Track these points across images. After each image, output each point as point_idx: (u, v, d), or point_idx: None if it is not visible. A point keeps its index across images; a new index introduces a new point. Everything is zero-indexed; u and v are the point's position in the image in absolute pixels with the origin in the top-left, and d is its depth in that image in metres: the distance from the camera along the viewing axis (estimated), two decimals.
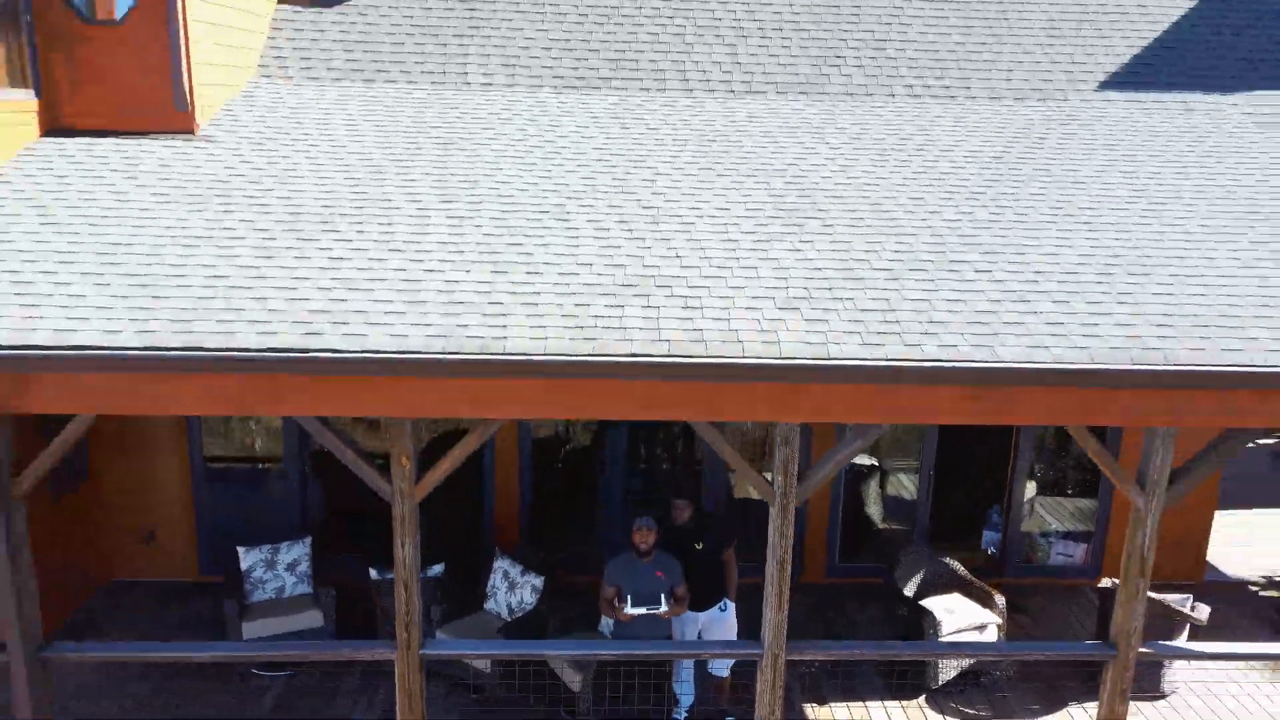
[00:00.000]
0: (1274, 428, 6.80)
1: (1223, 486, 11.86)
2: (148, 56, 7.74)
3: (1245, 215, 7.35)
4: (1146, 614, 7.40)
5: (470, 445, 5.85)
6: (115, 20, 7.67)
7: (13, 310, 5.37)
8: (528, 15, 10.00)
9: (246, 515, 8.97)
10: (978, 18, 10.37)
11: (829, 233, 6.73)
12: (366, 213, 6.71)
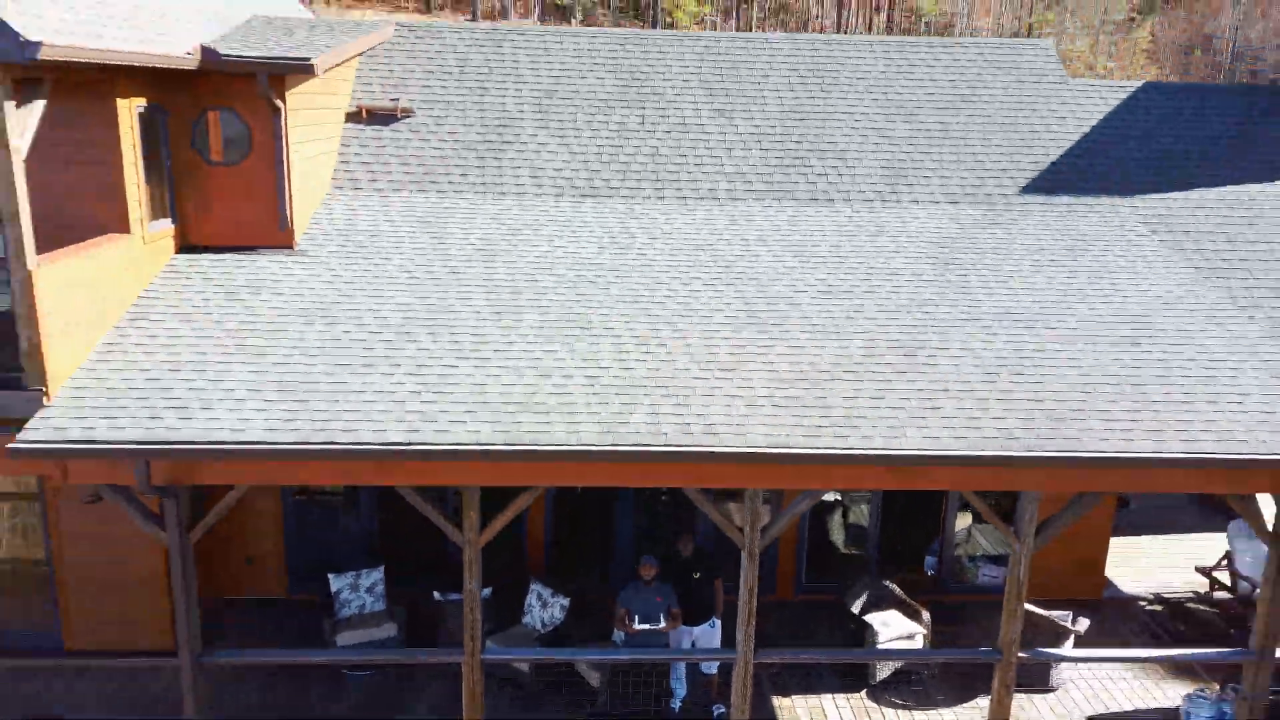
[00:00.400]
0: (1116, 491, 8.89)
1: (1129, 517, 14.06)
2: (258, 189, 9.87)
3: (1112, 317, 9.47)
4: (1040, 627, 9.60)
5: (521, 505, 7.98)
6: (233, 163, 9.80)
7: (196, 412, 7.50)
8: (550, 131, 12.13)
9: (326, 545, 11.08)
10: (922, 130, 12.51)
11: (786, 339, 8.86)
12: (437, 323, 8.84)
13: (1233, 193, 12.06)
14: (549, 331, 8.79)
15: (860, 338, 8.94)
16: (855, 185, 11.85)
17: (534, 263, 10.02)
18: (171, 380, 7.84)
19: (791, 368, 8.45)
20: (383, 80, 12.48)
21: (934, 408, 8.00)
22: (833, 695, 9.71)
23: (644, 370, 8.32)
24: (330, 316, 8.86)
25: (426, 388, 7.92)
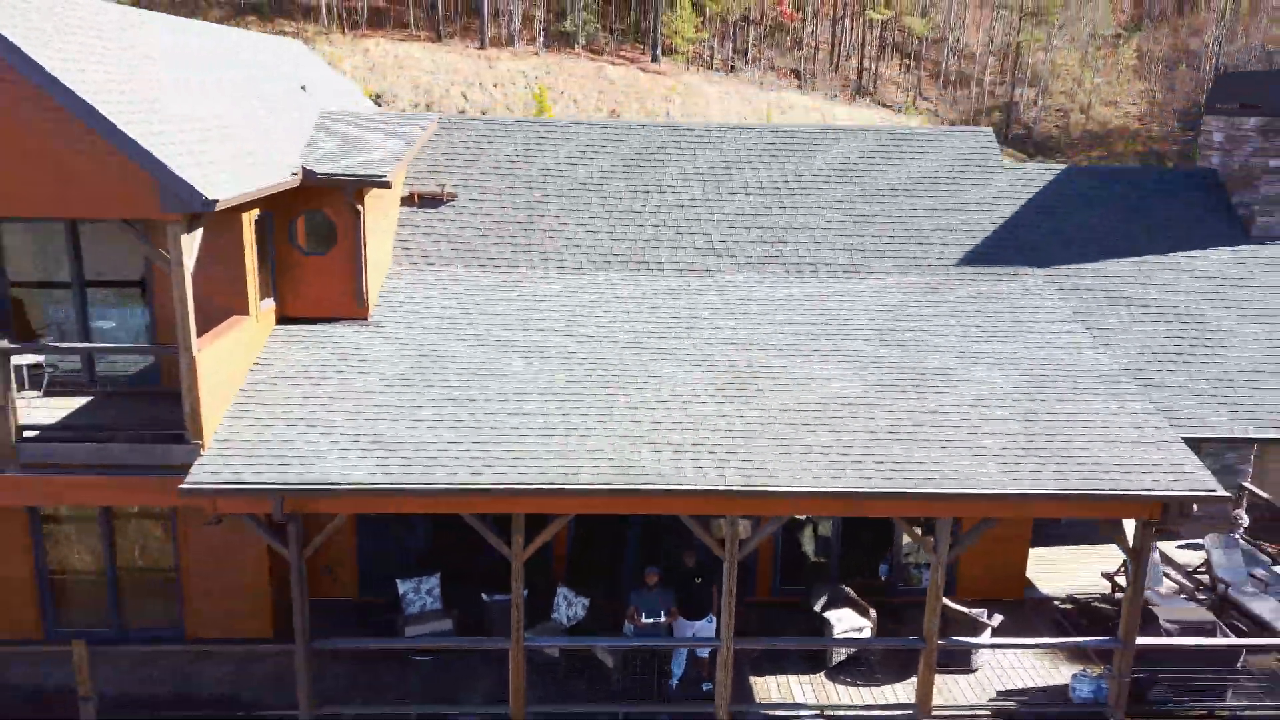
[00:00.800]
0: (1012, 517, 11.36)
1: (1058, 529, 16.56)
2: (341, 272, 12.39)
3: (1018, 375, 11.98)
4: (961, 621, 12.12)
5: (554, 529, 10.50)
6: (321, 253, 12.32)
7: (313, 460, 10.01)
8: (570, 213, 14.66)
9: (390, 556, 13.57)
10: (880, 210, 15.04)
11: (758, 395, 11.38)
12: (487, 385, 11.34)
13: (1130, 263, 14.60)
14: (575, 391, 11.31)
15: (816, 395, 11.45)
16: (822, 259, 14.38)
17: (561, 330, 12.54)
18: (290, 434, 10.37)
19: (761, 419, 10.97)
20: (430, 168, 15.00)
21: (869, 454, 10.52)
22: (797, 675, 12.21)
23: (647, 423, 10.83)
24: (405, 379, 11.38)
25: (484, 439, 10.43)
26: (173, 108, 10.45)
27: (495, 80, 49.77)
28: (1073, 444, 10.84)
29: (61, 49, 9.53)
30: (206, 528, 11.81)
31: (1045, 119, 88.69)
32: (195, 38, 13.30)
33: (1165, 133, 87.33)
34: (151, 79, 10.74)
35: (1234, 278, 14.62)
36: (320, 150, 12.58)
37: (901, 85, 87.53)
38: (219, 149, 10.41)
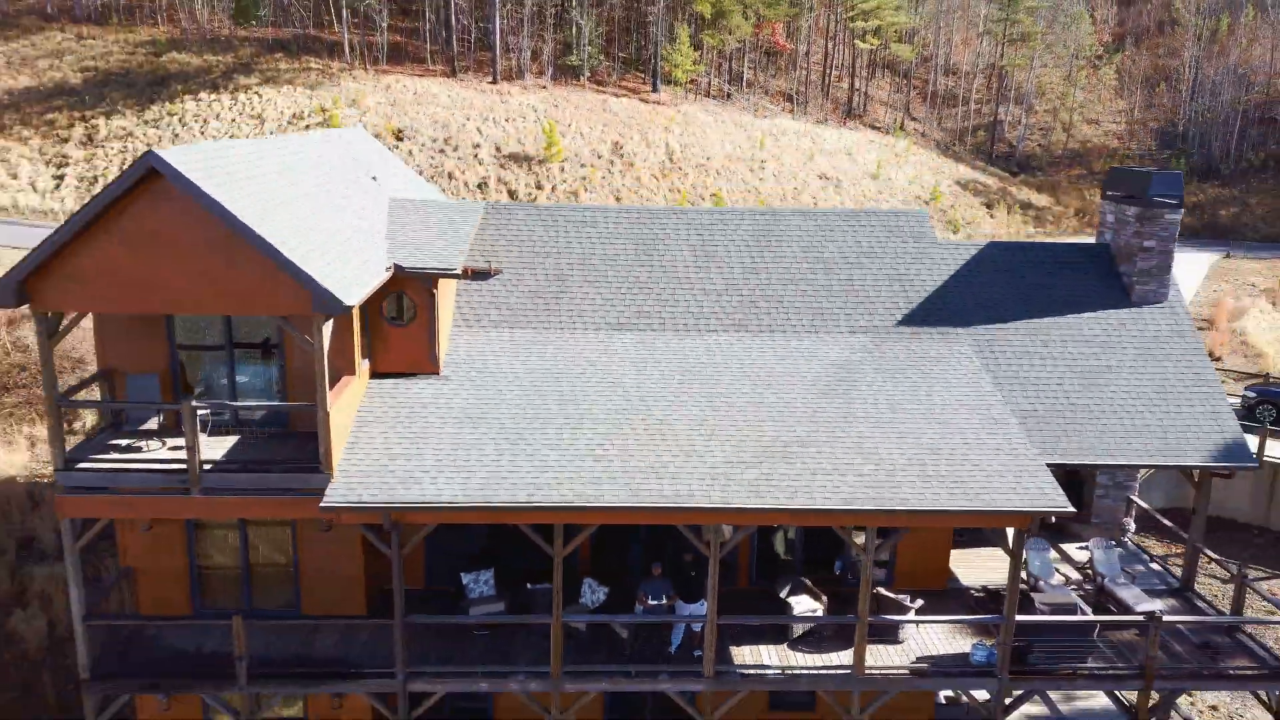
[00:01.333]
0: (919, 526, 15.17)
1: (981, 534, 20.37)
2: (418, 338, 16.24)
3: (933, 419, 15.84)
4: (889, 604, 15.97)
5: (584, 535, 14.37)
6: (404, 322, 16.18)
7: (411, 485, 13.87)
8: (591, 284, 18.52)
9: (451, 553, 17.38)
10: (836, 280, 18.90)
11: (733, 433, 15.23)
12: (533, 426, 15.19)
13: (1034, 324, 18.46)
14: (597, 430, 15.16)
15: (776, 433, 15.30)
16: (788, 321, 18.24)
17: (586, 380, 16.39)
18: (392, 465, 14.23)
19: (736, 453, 14.83)
20: (479, 247, 18.86)
21: (815, 480, 14.38)
22: (766, 645, 16.06)
23: (651, 456, 14.69)
24: (473, 422, 15.24)
25: (533, 468, 14.29)
26: (313, 230, 14.31)
27: (507, 115, 53.55)
28: (966, 471, 14.70)
29: (242, 194, 13.39)
30: (319, 533, 15.66)
31: (1029, 137, 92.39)
32: (306, 151, 17.17)
33: (1143, 151, 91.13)
34: (293, 206, 14.60)
35: (1114, 336, 18.48)
36: (400, 244, 16.43)
37: (891, 105, 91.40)
38: (344, 262, 14.27)
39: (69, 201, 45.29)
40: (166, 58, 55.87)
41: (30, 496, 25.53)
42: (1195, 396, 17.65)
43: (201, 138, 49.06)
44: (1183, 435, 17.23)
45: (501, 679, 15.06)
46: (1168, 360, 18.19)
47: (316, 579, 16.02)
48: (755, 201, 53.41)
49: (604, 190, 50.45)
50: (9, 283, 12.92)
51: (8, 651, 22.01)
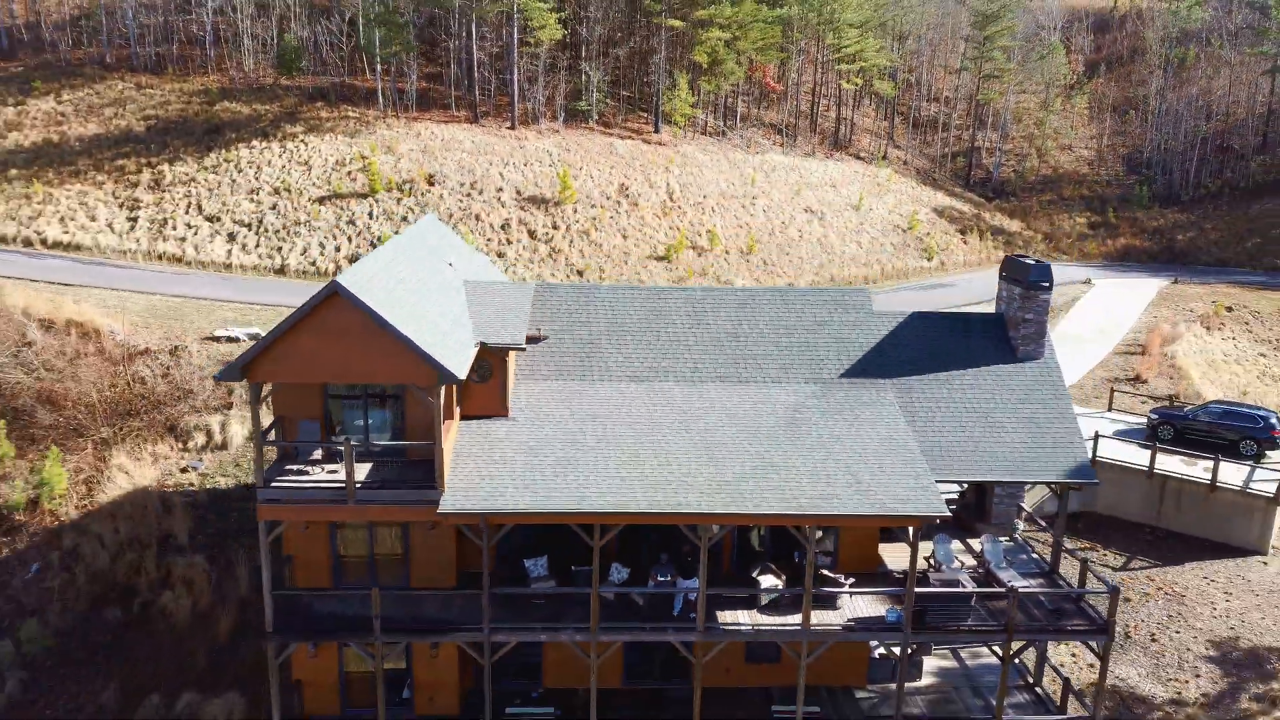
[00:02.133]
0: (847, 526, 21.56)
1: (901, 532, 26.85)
2: (494, 390, 22.75)
3: (859, 450, 22.34)
4: (829, 581, 22.58)
5: (614, 532, 20.89)
6: (484, 380, 22.68)
7: (496, 495, 20.39)
8: (614, 346, 25.02)
9: (514, 543, 23.82)
10: (797, 343, 25.40)
11: (713, 461, 21.74)
12: (578, 454, 21.70)
13: (942, 375, 24.95)
14: (624, 457, 21.66)
15: (747, 460, 21.80)
16: (760, 374, 24.74)
17: (612, 420, 22.88)
18: (481, 483, 20.74)
19: (718, 473, 21.33)
20: (532, 319, 25.33)
21: (775, 492, 20.88)
22: (741, 611, 22.54)
23: (659, 476, 21.19)
24: (534, 452, 21.74)
25: (579, 484, 20.79)
26: (426, 319, 20.81)
27: (525, 159, 59.91)
28: (880, 487, 21.21)
29: (384, 302, 19.87)
30: (426, 530, 22.15)
31: (1005, 163, 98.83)
32: (412, 250, 23.67)
33: (1111, 177, 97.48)
34: (414, 304, 21.11)
35: (1002, 385, 24.97)
36: (480, 323, 22.91)
37: (876, 133, 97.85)
38: (450, 343, 20.77)
39: (144, 242, 51.79)
40: (219, 107, 62.37)
41: (163, 502, 32.03)
42: (1057, 430, 24.17)
43: (256, 182, 55.53)
44: (1047, 459, 23.74)
45: (555, 632, 21.57)
46: (1039, 403, 24.70)
47: (422, 562, 22.50)
48: (746, 239, 59.92)
49: (612, 229, 56.99)
50: (234, 367, 19.44)
51: (161, 623, 28.51)
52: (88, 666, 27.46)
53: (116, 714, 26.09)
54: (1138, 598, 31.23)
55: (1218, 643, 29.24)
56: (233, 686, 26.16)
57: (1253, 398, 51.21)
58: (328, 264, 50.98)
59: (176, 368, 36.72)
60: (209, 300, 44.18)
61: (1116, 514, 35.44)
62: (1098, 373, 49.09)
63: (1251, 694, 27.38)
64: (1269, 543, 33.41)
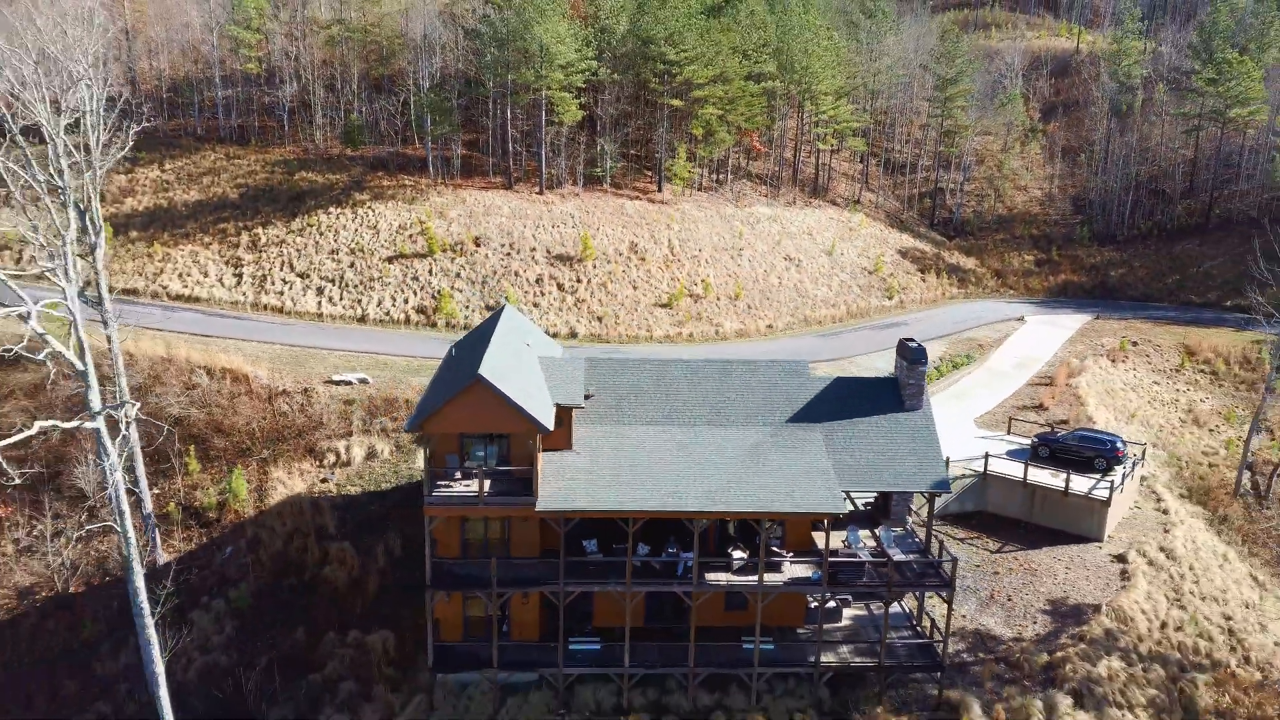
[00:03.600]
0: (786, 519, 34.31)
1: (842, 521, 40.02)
2: (563, 435, 35.68)
3: (793, 475, 35.33)
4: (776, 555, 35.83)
5: (640, 523, 33.90)
6: (558, 427, 35.66)
7: (570, 501, 33.37)
8: (636, 400, 37.99)
9: (575, 530, 36.71)
10: (760, 399, 38.37)
11: (704, 479, 34.72)
12: (622, 473, 34.67)
13: (853, 421, 37.90)
14: (646, 474, 34.61)
15: (722, 476, 34.76)
16: (733, 420, 37.70)
17: (637, 450, 35.83)
18: (560, 492, 33.71)
19: (703, 486, 34.29)
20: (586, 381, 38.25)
21: (740, 498, 33.84)
22: (721, 573, 35.45)
23: (669, 487, 34.15)
24: (590, 471, 34.71)
25: (624, 491, 33.74)
26: (525, 386, 33.75)
27: (552, 221, 72.67)
28: (806, 494, 34.16)
29: (503, 379, 32.78)
30: (521, 521, 35.08)
31: (966, 204, 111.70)
32: (511, 340, 36.59)
33: (1059, 217, 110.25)
34: (518, 377, 34.05)
35: (894, 427, 37.86)
36: (553, 387, 35.80)
37: (851, 176, 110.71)
38: (542, 406, 33.71)
39: (249, 295, 64.71)
40: (298, 176, 75.30)
41: (312, 504, 44.92)
42: (927, 458, 37.07)
43: (335, 243, 68.41)
44: (920, 477, 36.64)
45: (604, 585, 34.51)
46: (917, 440, 37.62)
47: (518, 542, 35.43)
48: (734, 287, 72.90)
49: (624, 281, 69.98)
50: (415, 422, 32.37)
51: (325, 587, 41.35)
52: (279, 616, 40.40)
53: (305, 646, 39.01)
54: (1004, 571, 44.19)
55: (1053, 601, 42.24)
56: (384, 626, 39.08)
57: (1140, 420, 64.32)
58: (399, 314, 63.97)
59: (309, 405, 49.70)
60: (316, 348, 57.08)
61: (1001, 513, 48.38)
62: (1010, 401, 62.03)
63: (1069, 634, 40.34)
64: (1104, 532, 46.40)
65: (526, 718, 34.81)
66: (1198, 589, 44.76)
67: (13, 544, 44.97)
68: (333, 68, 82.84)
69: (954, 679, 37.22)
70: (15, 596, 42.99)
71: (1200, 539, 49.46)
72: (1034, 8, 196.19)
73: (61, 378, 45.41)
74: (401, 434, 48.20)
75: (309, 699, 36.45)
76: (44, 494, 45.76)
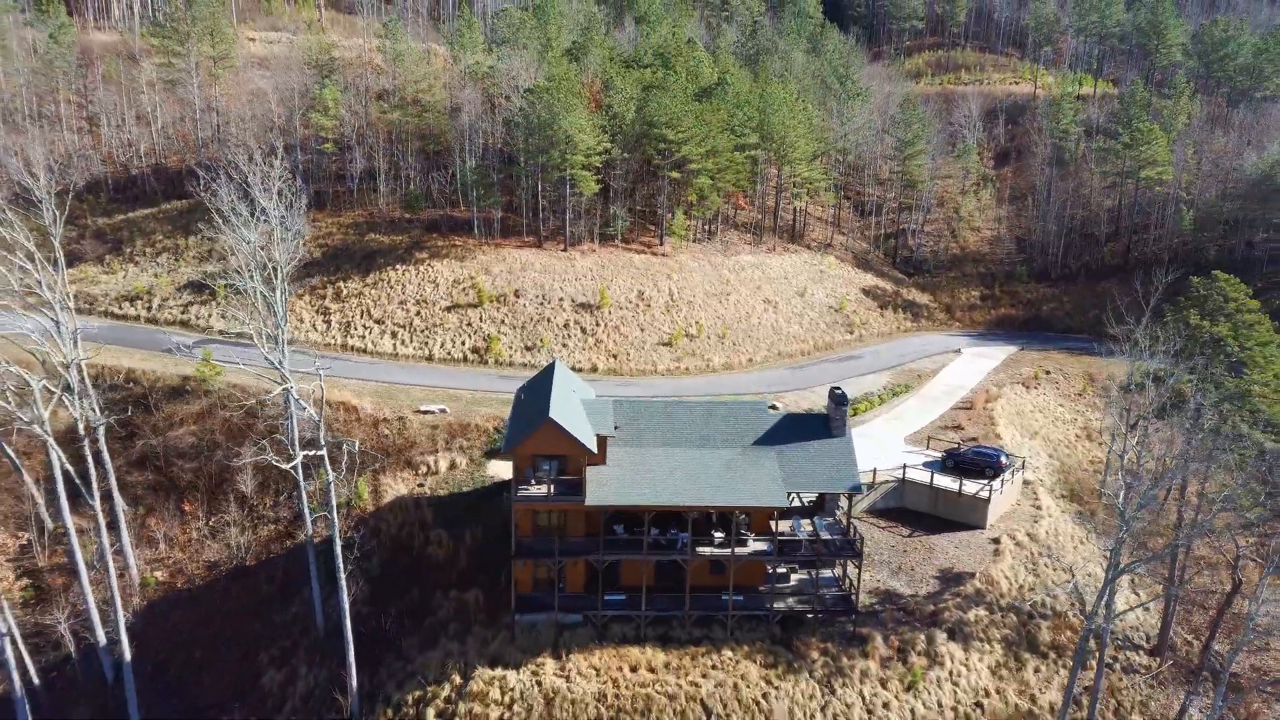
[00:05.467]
0: (749, 511, 51.52)
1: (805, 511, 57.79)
2: (601, 453, 53.24)
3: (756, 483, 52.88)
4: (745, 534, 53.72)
5: (653, 513, 51.46)
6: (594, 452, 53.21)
7: (610, 498, 50.93)
8: (649, 428, 55.57)
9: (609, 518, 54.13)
10: (733, 428, 55.95)
11: (696, 483, 52.24)
12: (638, 479, 52.20)
13: (799, 444, 55.39)
14: (656, 479, 52.13)
15: (708, 482, 52.30)
16: (716, 443, 55.18)
17: (650, 464, 53.35)
18: (602, 491, 51.25)
19: (694, 488, 51.81)
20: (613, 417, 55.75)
21: (722, 495, 51.38)
22: (707, 547, 52.93)
23: (672, 489, 51.70)
24: (620, 480, 52.22)
25: (641, 491, 51.25)
26: (577, 422, 51.24)
27: (575, 276, 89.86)
28: (762, 494, 51.69)
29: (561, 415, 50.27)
30: (574, 513, 52.59)
31: (925, 245, 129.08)
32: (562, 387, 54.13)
33: (1004, 255, 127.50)
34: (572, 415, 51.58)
35: (825, 449, 55.27)
36: (594, 421, 53.30)
37: (825, 220, 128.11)
38: (587, 435, 51.24)
39: (338, 338, 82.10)
40: (368, 237, 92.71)
41: (414, 503, 62.33)
42: (847, 470, 54.58)
43: (403, 295, 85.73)
44: (840, 481, 54.11)
45: (628, 555, 52.03)
46: (840, 456, 55.11)
47: (570, 525, 52.89)
48: (722, 327, 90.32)
49: (633, 324, 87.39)
50: (507, 449, 49.93)
51: (428, 562, 58.75)
52: (399, 581, 57.85)
53: (419, 601, 56.43)
54: (910, 550, 61.68)
55: (942, 570, 59.77)
56: (475, 587, 56.51)
57: (1041, 436, 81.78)
58: (458, 353, 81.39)
59: (404, 429, 67.18)
60: (400, 384, 74.46)
61: (914, 509, 65.86)
62: (936, 422, 79.47)
63: (950, 592, 57.87)
64: (986, 522, 63.93)
65: (576, 644, 52.22)
66: (1050, 563, 62.37)
67: (196, 531, 62.47)
68: (393, 145, 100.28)
69: (866, 621, 54.76)
70: (206, 569, 60.50)
71: (1062, 528, 67.09)
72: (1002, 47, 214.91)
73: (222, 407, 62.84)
74: (475, 450, 65.72)
75: (429, 633, 53.89)
76: (218, 496, 63.29)
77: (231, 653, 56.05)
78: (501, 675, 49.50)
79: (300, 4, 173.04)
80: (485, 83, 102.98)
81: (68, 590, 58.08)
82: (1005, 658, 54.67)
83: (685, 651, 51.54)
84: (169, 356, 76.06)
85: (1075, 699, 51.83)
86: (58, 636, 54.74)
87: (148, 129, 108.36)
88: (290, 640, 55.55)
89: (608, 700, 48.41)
